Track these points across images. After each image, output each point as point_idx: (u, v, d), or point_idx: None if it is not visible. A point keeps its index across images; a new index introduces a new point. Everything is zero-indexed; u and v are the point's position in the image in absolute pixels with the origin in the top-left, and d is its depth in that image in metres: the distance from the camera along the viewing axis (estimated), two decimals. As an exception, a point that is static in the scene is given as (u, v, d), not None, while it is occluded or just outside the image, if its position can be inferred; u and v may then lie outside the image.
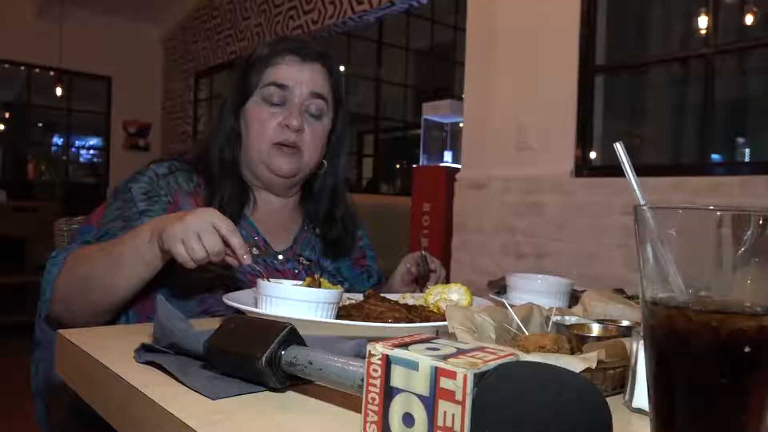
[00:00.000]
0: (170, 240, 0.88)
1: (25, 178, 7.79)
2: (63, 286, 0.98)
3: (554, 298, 1.06)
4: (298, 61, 1.17)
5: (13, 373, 3.41)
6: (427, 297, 0.98)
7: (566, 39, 3.20)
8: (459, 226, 3.66)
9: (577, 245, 3.06)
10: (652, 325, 0.44)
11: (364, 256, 1.39)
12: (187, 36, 7.72)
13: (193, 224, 0.88)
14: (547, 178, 3.21)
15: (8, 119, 8.10)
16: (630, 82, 3.73)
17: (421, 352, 0.45)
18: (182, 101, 7.87)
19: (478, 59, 3.65)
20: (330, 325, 0.78)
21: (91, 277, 0.95)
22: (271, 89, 1.16)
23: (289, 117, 1.15)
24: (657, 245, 0.43)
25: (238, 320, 0.64)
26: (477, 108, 3.65)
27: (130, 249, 0.93)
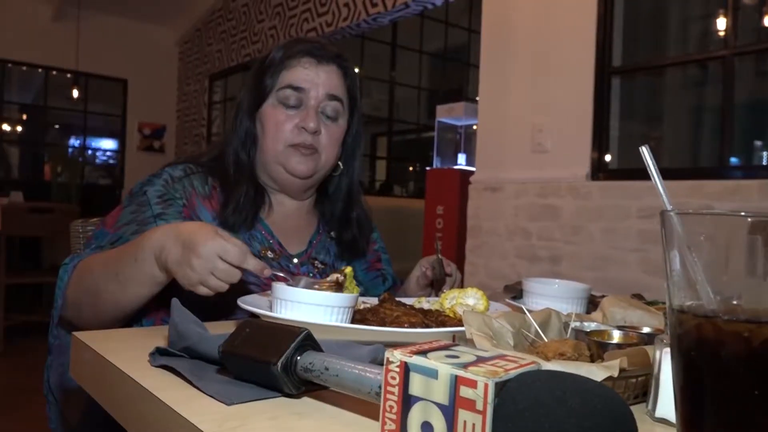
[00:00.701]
0: (189, 286, 0.88)
1: (42, 179, 7.88)
2: (73, 295, 0.98)
3: (572, 303, 1.05)
4: (314, 63, 1.17)
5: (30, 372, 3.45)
6: (443, 301, 0.97)
7: (582, 40, 3.18)
8: (473, 229, 3.65)
9: (593, 249, 3.03)
10: (680, 334, 0.43)
11: (379, 260, 1.38)
12: (202, 38, 7.77)
13: (203, 267, 0.85)
14: (562, 181, 3.19)
15: (25, 121, 8.20)
16: (647, 84, 3.70)
17: (441, 359, 0.44)
18: (197, 103, 7.92)
19: (493, 61, 3.63)
20: (345, 330, 0.77)
21: (97, 291, 0.95)
22: (287, 92, 1.15)
23: (305, 119, 1.14)
24: (685, 252, 0.42)
25: (253, 324, 0.63)
26: (491, 110, 3.63)
27: (136, 273, 0.92)
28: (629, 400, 0.63)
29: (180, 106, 8.32)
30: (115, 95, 8.06)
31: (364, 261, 1.32)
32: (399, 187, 9.46)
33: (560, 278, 2.84)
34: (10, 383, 3.44)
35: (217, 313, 1.03)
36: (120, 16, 7.60)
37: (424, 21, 8.16)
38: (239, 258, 0.86)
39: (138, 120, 8.11)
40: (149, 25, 7.91)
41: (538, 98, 3.36)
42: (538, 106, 3.36)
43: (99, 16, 7.48)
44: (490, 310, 0.96)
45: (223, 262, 0.85)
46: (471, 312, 0.71)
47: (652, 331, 0.78)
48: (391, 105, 8.33)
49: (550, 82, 3.30)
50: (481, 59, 3.71)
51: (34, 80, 7.97)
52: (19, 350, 4.10)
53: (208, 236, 0.86)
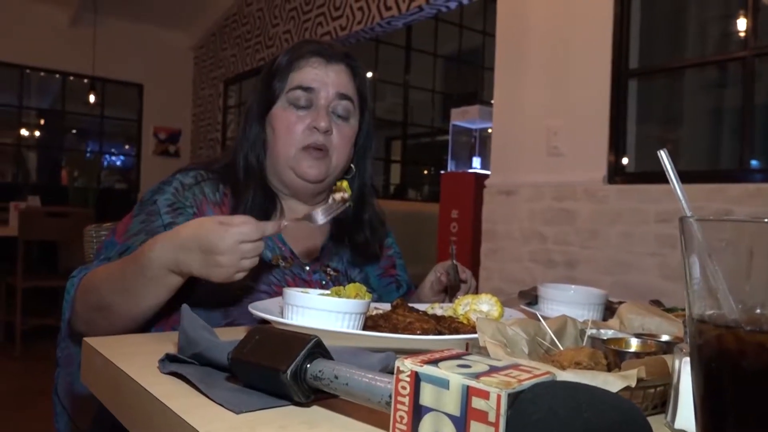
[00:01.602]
0: (226, 280, 0.89)
1: (59, 183, 7.97)
2: (82, 310, 0.99)
3: (588, 309, 1.03)
4: (323, 63, 1.16)
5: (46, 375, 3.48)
6: (457, 307, 0.96)
7: (598, 42, 3.16)
8: (488, 233, 3.63)
9: (610, 254, 3.00)
10: (700, 344, 0.42)
11: (393, 266, 1.36)
12: (217, 43, 7.82)
13: (232, 259, 0.87)
14: (578, 184, 3.16)
15: (43, 126, 8.31)
16: (665, 86, 3.66)
17: (452, 369, 0.44)
18: (212, 108, 7.97)
19: (508, 64, 3.62)
20: (356, 336, 0.76)
21: (108, 306, 0.96)
22: (297, 93, 1.15)
23: (316, 119, 1.13)
24: (705, 259, 0.41)
25: (263, 331, 0.62)
26: (506, 113, 3.61)
27: (148, 286, 0.92)
28: (647, 411, 0.62)
29: (195, 111, 8.38)
30: (130, 100, 8.15)
31: (378, 267, 1.30)
32: (413, 190, 9.45)
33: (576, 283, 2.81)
34: (26, 385, 3.48)
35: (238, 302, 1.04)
36: (136, 22, 7.67)
37: (439, 24, 8.16)
38: (257, 233, 0.89)
39: (153, 124, 8.19)
40: (165, 30, 7.99)
41: (554, 101, 3.33)
42: (553, 108, 3.33)
43: (115, 22, 7.57)
44: (504, 316, 0.94)
45: (245, 243, 0.88)
46: (485, 319, 0.70)
47: (671, 339, 0.77)
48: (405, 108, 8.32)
49: (565, 84, 3.28)
50: (496, 62, 3.69)
51: (51, 85, 8.08)
52: (36, 353, 4.14)
53: (218, 231, 0.87)
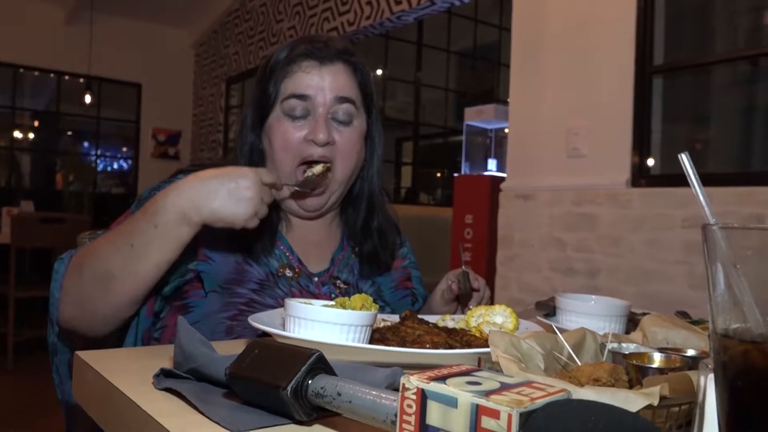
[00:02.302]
0: (244, 222, 0.94)
1: (53, 188, 8.04)
2: (74, 284, 0.96)
3: (609, 321, 1.02)
4: (316, 65, 1.12)
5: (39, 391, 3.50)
6: (469, 319, 0.96)
7: (621, 37, 3.15)
8: (504, 239, 3.62)
9: (634, 261, 2.98)
10: (724, 360, 0.41)
11: (409, 278, 1.34)
12: (219, 40, 7.88)
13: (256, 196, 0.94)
14: (600, 188, 3.15)
15: (37, 127, 8.39)
16: (691, 84, 3.64)
17: (461, 386, 0.43)
18: (213, 108, 8.02)
19: (525, 60, 3.61)
20: (361, 350, 0.76)
21: (107, 272, 0.93)
22: (291, 102, 1.11)
23: (314, 130, 1.10)
24: (730, 270, 0.40)
25: (262, 345, 0.62)
26: (523, 112, 3.60)
27: (157, 237, 0.93)
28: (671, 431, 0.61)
29: (196, 111, 8.43)
30: (128, 100, 8.22)
31: (392, 279, 1.28)
32: (425, 194, 9.45)
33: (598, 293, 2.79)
34: (19, 401, 3.50)
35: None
36: (134, 19, 7.74)
37: (452, 18, 8.16)
38: (270, 176, 0.96)
39: (152, 126, 8.25)
40: (164, 28, 8.05)
41: (574, 99, 3.32)
42: (573, 107, 3.32)
43: (112, 19, 7.64)
44: (520, 329, 0.94)
45: (264, 185, 0.95)
46: (498, 332, 0.70)
47: (698, 354, 0.76)
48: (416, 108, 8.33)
49: (586, 82, 3.27)
50: (512, 58, 3.69)
51: (46, 86, 8.16)
52: (30, 367, 4.16)
53: (239, 168, 0.96)
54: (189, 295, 1.04)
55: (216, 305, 1.03)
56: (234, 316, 1.04)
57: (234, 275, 1.07)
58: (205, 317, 1.03)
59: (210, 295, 1.03)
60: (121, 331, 1.04)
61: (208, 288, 1.04)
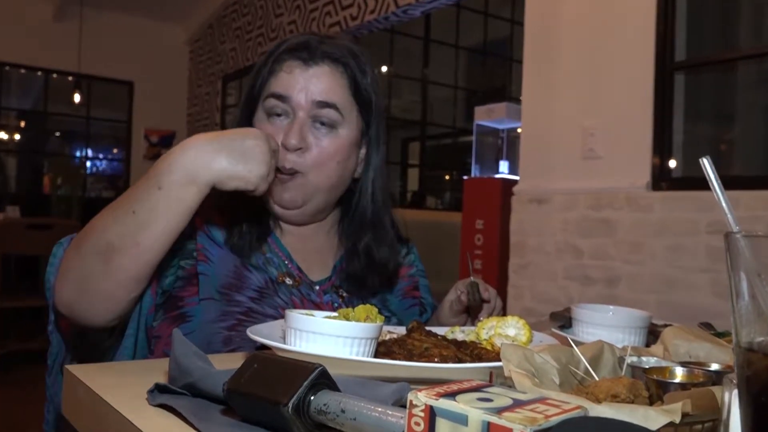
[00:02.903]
0: (258, 180, 0.93)
1: (41, 192, 8.08)
2: (74, 262, 0.93)
3: (628, 333, 1.03)
4: (300, 65, 1.12)
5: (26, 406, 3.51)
6: (480, 331, 0.96)
7: (641, 31, 3.15)
8: (516, 246, 3.61)
9: (655, 269, 2.97)
10: (749, 375, 0.41)
11: (416, 287, 1.34)
12: (215, 36, 7.91)
13: (266, 152, 0.94)
14: (618, 191, 3.15)
15: (24, 128, 8.44)
16: (716, 80, 3.64)
17: (471, 403, 0.44)
18: (209, 107, 8.06)
19: (538, 56, 3.62)
20: (366, 365, 0.76)
21: (108, 245, 0.90)
22: (271, 101, 1.11)
23: (287, 134, 1.09)
24: (754, 280, 0.41)
25: (262, 359, 0.63)
26: (537, 111, 3.61)
27: (162, 202, 0.89)
28: (694, 450, 0.61)
29: (191, 111, 8.47)
30: (119, 99, 8.26)
31: (397, 288, 1.28)
32: (433, 198, 9.46)
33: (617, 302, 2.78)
34: (3, 417, 3.50)
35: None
36: (125, 14, 7.79)
37: (461, 12, 8.19)
38: (274, 139, 0.99)
39: (145, 126, 8.29)
40: (157, 23, 8.09)
41: (591, 97, 3.32)
42: (590, 106, 3.32)
43: (102, 14, 7.68)
44: (534, 341, 0.94)
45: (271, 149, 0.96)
46: (510, 345, 0.70)
47: (722, 369, 0.76)
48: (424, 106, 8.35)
49: (603, 78, 3.27)
50: (525, 54, 3.69)
51: (33, 84, 8.21)
52: (16, 381, 4.18)
53: (248, 128, 1.00)
54: (184, 303, 1.04)
55: (213, 314, 1.04)
56: (232, 326, 1.04)
57: (233, 279, 1.07)
58: (202, 326, 1.03)
59: (205, 303, 1.04)
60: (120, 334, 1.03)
61: (203, 294, 1.04)
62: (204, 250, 1.08)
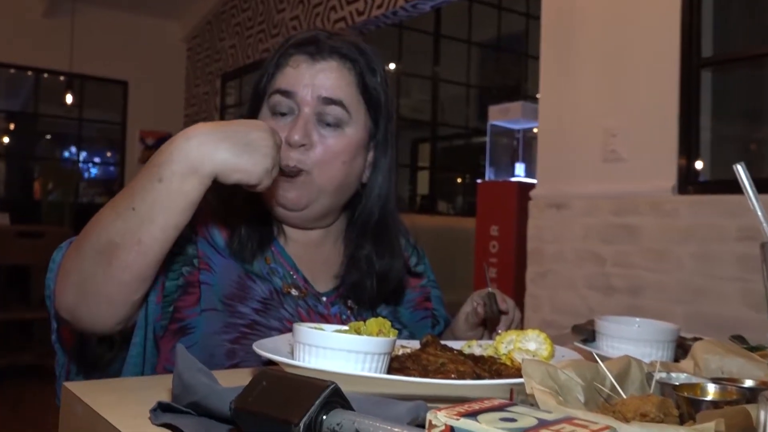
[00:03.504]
0: (263, 174, 0.93)
1: (31, 197, 8.13)
2: (74, 263, 0.93)
3: (656, 347, 1.02)
4: (307, 60, 1.13)
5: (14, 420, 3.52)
6: (498, 346, 0.96)
7: (665, 25, 3.14)
8: (534, 254, 3.61)
9: (682, 278, 2.96)
10: (790, 394, 0.42)
11: (428, 297, 1.34)
12: (213, 33, 7.95)
13: (271, 144, 0.94)
14: (642, 195, 3.14)
15: (13, 131, 8.49)
16: (745, 77, 3.63)
17: (494, 423, 0.44)
18: (207, 108, 8.09)
19: (556, 52, 3.62)
20: (380, 381, 0.77)
21: (109, 244, 0.90)
22: (276, 97, 1.13)
23: (290, 131, 1.10)
24: (794, 293, 0.41)
25: (270, 376, 0.63)
26: (555, 111, 3.60)
27: (163, 195, 0.89)
28: (728, 472, 0.61)
29: (188, 111, 8.50)
30: (113, 100, 8.30)
31: (408, 299, 1.29)
32: (444, 202, 9.46)
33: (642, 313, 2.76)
34: (-7, 436, 3.51)
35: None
36: (119, 10, 7.83)
37: (473, 6, 8.20)
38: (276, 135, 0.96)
39: (140, 128, 8.32)
40: (152, 19, 8.14)
41: (612, 96, 3.32)
42: (611, 105, 3.32)
43: (96, 10, 7.73)
44: (555, 356, 0.94)
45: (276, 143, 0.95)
46: (532, 360, 0.70)
47: (756, 385, 0.76)
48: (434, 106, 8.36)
49: (626, 76, 3.27)
50: (542, 50, 3.69)
51: (22, 84, 8.26)
52: (6, 397, 4.19)
53: (253, 120, 0.99)
54: (183, 314, 1.05)
55: (216, 325, 1.04)
56: (236, 338, 1.05)
57: (236, 290, 1.08)
58: (204, 338, 1.04)
59: (207, 314, 1.04)
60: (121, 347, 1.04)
61: (205, 305, 1.05)
62: (206, 258, 1.09)
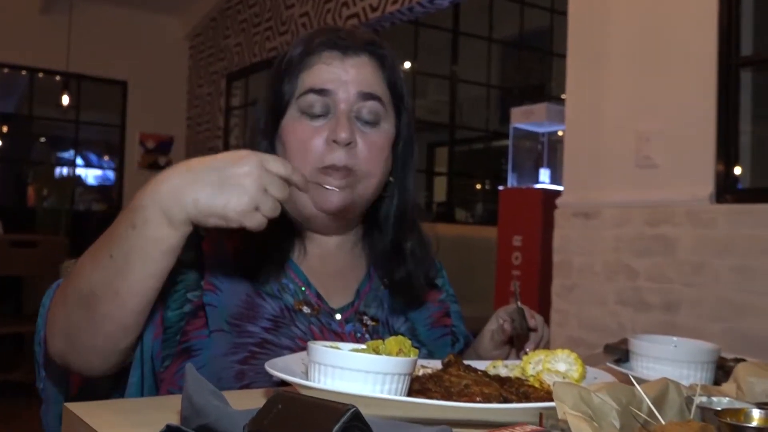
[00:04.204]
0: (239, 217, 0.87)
1: (25, 204, 8.20)
2: (59, 312, 0.96)
3: (695, 369, 1.02)
4: (339, 56, 1.15)
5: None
6: (526, 366, 0.97)
7: (701, 22, 3.14)
8: (561, 266, 3.60)
9: (720, 293, 2.95)
10: None
11: (447, 313, 1.35)
12: (218, 30, 8.00)
13: (254, 182, 0.87)
14: (677, 204, 3.13)
15: (6, 133, 8.56)
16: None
17: (527, 451, 0.44)
18: (211, 109, 8.13)
19: (584, 49, 3.62)
20: (401, 404, 0.77)
21: (90, 292, 0.91)
22: (309, 97, 1.13)
23: (335, 129, 1.11)
24: None
25: (286, 398, 0.64)
26: (583, 113, 3.60)
27: (139, 242, 0.89)
28: (776, 505, 0.61)
29: (191, 113, 8.55)
30: (112, 101, 8.36)
31: (427, 316, 1.30)
32: (463, 210, 9.44)
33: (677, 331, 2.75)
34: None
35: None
36: (118, 6, 7.90)
37: (494, 1, 8.21)
38: (285, 168, 0.90)
39: (140, 131, 8.37)
40: (153, 16, 8.20)
41: (645, 97, 3.31)
42: (644, 107, 3.31)
43: (94, 7, 7.80)
44: (587, 378, 0.94)
45: (270, 173, 0.88)
46: (564, 383, 0.70)
47: (805, 411, 0.76)
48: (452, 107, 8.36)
49: (659, 75, 3.26)
50: (569, 47, 3.69)
51: (16, 84, 8.35)
52: (-4, 416, 4.21)
53: (239, 152, 0.90)
54: (191, 336, 1.05)
55: (223, 347, 1.05)
56: (245, 359, 1.05)
57: (244, 309, 1.09)
58: (212, 360, 1.04)
59: (215, 335, 1.05)
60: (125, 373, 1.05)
61: (212, 326, 1.05)
62: (211, 278, 1.10)
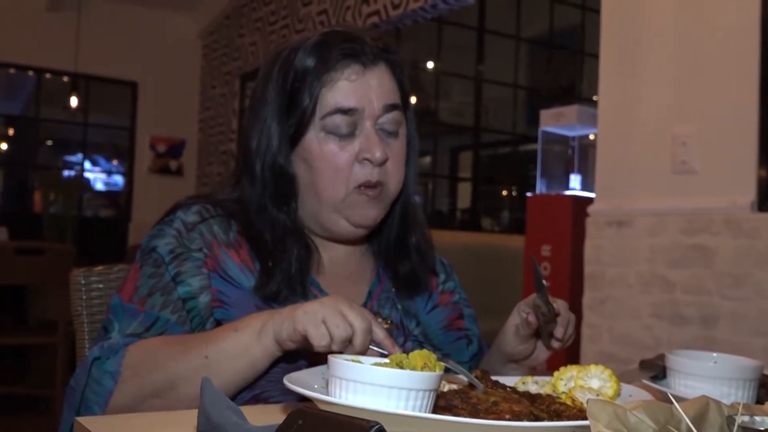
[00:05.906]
0: (306, 318, 0.96)
1: (31, 210, 8.26)
2: (126, 398, 1.03)
3: (736, 387, 1.02)
4: (360, 70, 1.16)
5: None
6: (557, 383, 0.97)
7: (742, 19, 3.12)
8: (592, 278, 3.58)
9: (762, 307, 2.92)
10: None
11: (461, 315, 1.39)
12: (232, 28, 8.05)
13: (332, 306, 0.97)
14: (717, 212, 3.11)
15: (12, 137, 8.64)
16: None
17: (561, 471, 0.45)
18: (225, 111, 8.17)
19: (618, 48, 3.61)
20: (427, 422, 0.77)
21: (174, 385, 1.01)
22: (336, 118, 1.14)
23: (367, 147, 1.14)
24: None
25: (307, 414, 0.64)
26: (616, 116, 3.59)
27: (233, 346, 1.00)
28: None
29: (203, 116, 8.60)
30: (122, 103, 8.42)
31: (440, 318, 1.34)
32: (489, 218, 9.42)
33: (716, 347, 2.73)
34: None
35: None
36: (128, 3, 7.97)
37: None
38: (363, 319, 0.98)
39: (150, 134, 8.42)
40: (165, 13, 8.26)
41: (682, 99, 3.30)
42: (681, 109, 3.30)
43: (103, 4, 7.87)
44: (621, 396, 0.94)
45: (343, 314, 0.97)
46: (598, 400, 0.70)
47: None
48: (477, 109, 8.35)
49: (697, 76, 3.24)
50: (602, 46, 3.68)
51: (23, 85, 8.43)
52: (0, 430, 4.24)
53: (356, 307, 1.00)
54: None
55: None
56: None
57: None
58: None
59: None
60: None
61: None
62: (219, 294, 1.13)
